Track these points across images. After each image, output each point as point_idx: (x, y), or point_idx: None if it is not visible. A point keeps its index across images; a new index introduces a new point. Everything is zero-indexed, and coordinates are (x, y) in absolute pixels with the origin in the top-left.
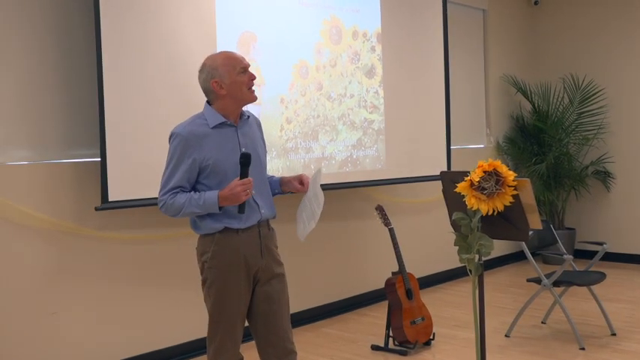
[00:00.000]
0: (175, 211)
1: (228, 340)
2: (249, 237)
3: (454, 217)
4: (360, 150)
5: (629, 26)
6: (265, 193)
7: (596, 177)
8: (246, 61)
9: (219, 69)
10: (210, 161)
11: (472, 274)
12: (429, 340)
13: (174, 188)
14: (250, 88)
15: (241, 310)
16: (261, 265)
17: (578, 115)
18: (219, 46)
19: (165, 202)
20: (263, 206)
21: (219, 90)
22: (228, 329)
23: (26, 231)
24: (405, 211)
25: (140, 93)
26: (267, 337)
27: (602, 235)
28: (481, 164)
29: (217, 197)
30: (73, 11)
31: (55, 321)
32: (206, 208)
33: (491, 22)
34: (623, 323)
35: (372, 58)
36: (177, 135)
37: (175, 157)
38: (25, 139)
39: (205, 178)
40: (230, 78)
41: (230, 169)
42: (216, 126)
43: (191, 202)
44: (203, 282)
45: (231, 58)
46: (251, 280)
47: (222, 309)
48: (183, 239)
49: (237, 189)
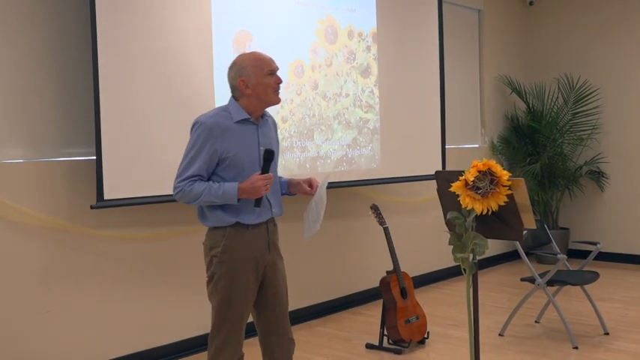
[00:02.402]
0: (192, 198)
1: (232, 337)
2: (258, 233)
3: (449, 216)
4: (355, 149)
5: (624, 27)
6: (276, 192)
7: (590, 177)
8: (275, 65)
9: (247, 69)
10: (230, 154)
11: (466, 273)
12: (424, 339)
13: (193, 176)
14: (276, 90)
15: (248, 307)
16: (268, 261)
17: (573, 116)
18: (215, 45)
19: (183, 189)
20: (274, 205)
21: (245, 89)
22: (234, 325)
23: (21, 229)
24: (399, 211)
25: (135, 92)
26: (272, 328)
27: (595, 235)
28: (476, 164)
29: (237, 189)
30: (68, 8)
31: (50, 319)
32: (225, 198)
33: (486, 22)
34: (616, 323)
35: (368, 58)
36: (201, 124)
37: (197, 145)
38: (21, 137)
39: (222, 170)
40: (257, 79)
41: (247, 164)
42: (240, 121)
43: (210, 191)
44: (210, 277)
45: (260, 60)
46: (259, 276)
47: (229, 304)
48: (178, 238)
49: (259, 183)
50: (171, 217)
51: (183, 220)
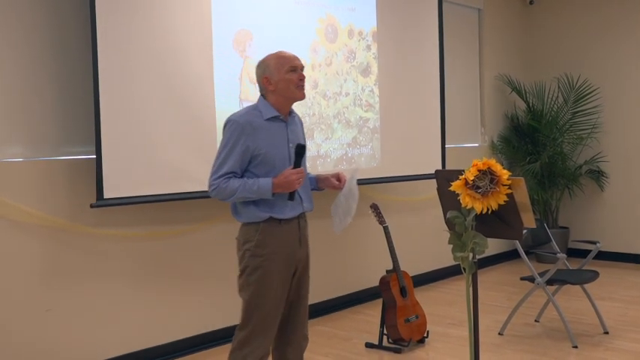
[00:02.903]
0: (228, 194)
1: (260, 332)
2: (290, 228)
3: (448, 215)
4: (355, 148)
5: (624, 26)
6: (307, 188)
7: (590, 176)
8: (298, 62)
9: (270, 66)
10: (262, 151)
11: (466, 272)
12: (423, 338)
13: (228, 173)
14: (299, 86)
15: (279, 301)
16: (300, 256)
17: (573, 115)
18: (215, 44)
19: (218, 186)
20: (305, 199)
21: (268, 85)
22: (263, 319)
23: (21, 228)
24: (399, 210)
25: (135, 91)
26: (291, 323)
27: (595, 234)
28: (476, 163)
29: (271, 184)
30: (68, 8)
31: (49, 318)
32: (260, 193)
33: (486, 22)
34: (615, 322)
35: (368, 57)
36: (233, 122)
37: (230, 143)
38: (21, 135)
39: (255, 167)
40: (279, 75)
41: (278, 161)
42: (270, 119)
43: (245, 187)
44: (242, 270)
45: (281, 57)
46: (292, 271)
47: (261, 298)
48: (178, 237)
49: (292, 177)
50: (171, 216)
51: (183, 219)
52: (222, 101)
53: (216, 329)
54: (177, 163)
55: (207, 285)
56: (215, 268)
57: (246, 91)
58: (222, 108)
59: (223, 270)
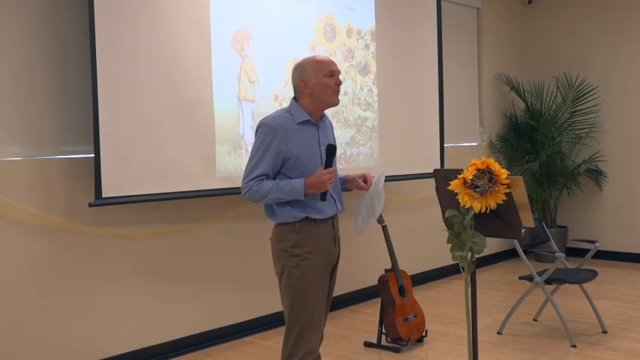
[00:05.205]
0: (261, 196)
1: (307, 331)
2: (326, 227)
3: (447, 214)
4: (353, 147)
5: (623, 26)
6: (338, 188)
7: (589, 175)
8: (336, 67)
9: (307, 70)
10: (294, 153)
11: (465, 271)
12: (422, 337)
13: (260, 175)
14: (335, 92)
15: (321, 299)
16: (335, 256)
17: (571, 114)
18: (214, 43)
19: (251, 188)
20: (338, 201)
21: (305, 89)
22: (309, 319)
23: (19, 227)
24: (398, 209)
25: (134, 89)
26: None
27: (594, 234)
28: (474, 162)
29: (304, 184)
30: (66, 7)
31: (47, 317)
32: (292, 194)
33: (485, 21)
34: (614, 321)
35: (367, 56)
36: (266, 125)
37: (263, 146)
38: (19, 135)
39: (287, 170)
40: (316, 79)
41: (310, 163)
42: (302, 122)
43: (278, 188)
44: (281, 273)
45: (320, 62)
46: (330, 269)
47: (304, 298)
48: (177, 236)
49: (324, 177)
50: (170, 215)
51: (182, 218)
52: (221, 100)
53: (214, 328)
54: (175, 163)
55: (206, 284)
56: (213, 267)
57: (245, 91)
58: (220, 107)
59: (222, 269)
